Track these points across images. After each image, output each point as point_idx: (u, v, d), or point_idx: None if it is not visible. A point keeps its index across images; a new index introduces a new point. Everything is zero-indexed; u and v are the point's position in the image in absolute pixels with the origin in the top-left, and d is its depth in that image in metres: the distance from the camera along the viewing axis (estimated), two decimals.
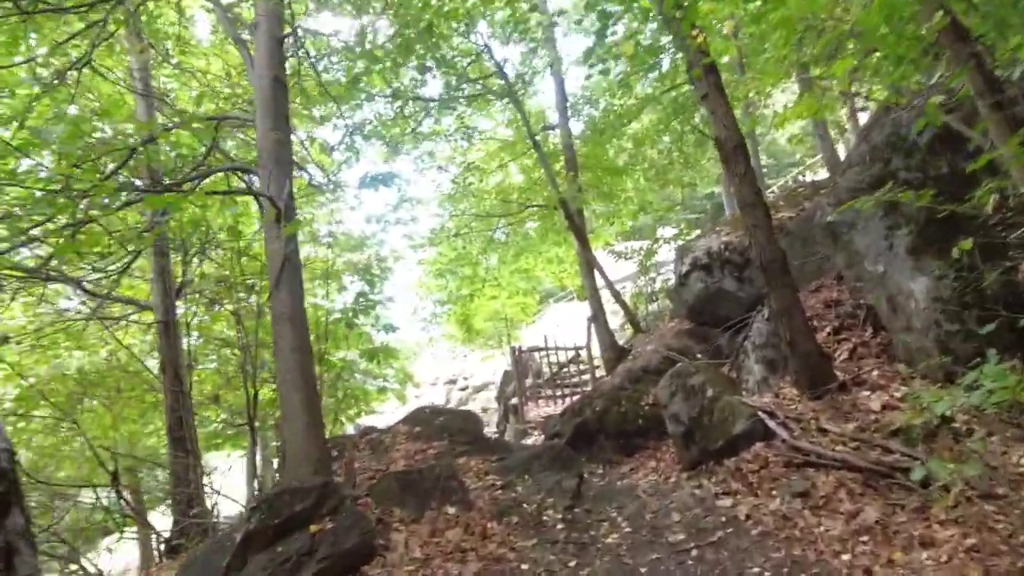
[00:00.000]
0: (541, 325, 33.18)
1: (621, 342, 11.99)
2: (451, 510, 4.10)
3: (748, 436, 4.49)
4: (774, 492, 3.96)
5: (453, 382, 24.07)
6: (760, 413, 4.59)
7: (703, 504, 4.23)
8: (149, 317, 7.95)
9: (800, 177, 16.58)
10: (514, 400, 12.21)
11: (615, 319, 13.36)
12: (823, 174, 12.47)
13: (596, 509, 4.52)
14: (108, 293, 7.75)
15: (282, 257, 4.38)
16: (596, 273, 10.82)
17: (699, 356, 7.15)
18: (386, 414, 27.63)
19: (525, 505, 4.44)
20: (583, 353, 11.97)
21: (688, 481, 4.75)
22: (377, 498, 4.14)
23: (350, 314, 7.92)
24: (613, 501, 4.65)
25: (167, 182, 6.10)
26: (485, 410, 21.87)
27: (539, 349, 12.13)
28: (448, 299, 13.74)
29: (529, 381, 13.67)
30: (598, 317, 10.94)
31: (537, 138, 10.75)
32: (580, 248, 10.77)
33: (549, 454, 5.52)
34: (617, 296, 10.21)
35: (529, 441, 10.68)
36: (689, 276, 7.30)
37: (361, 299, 7.97)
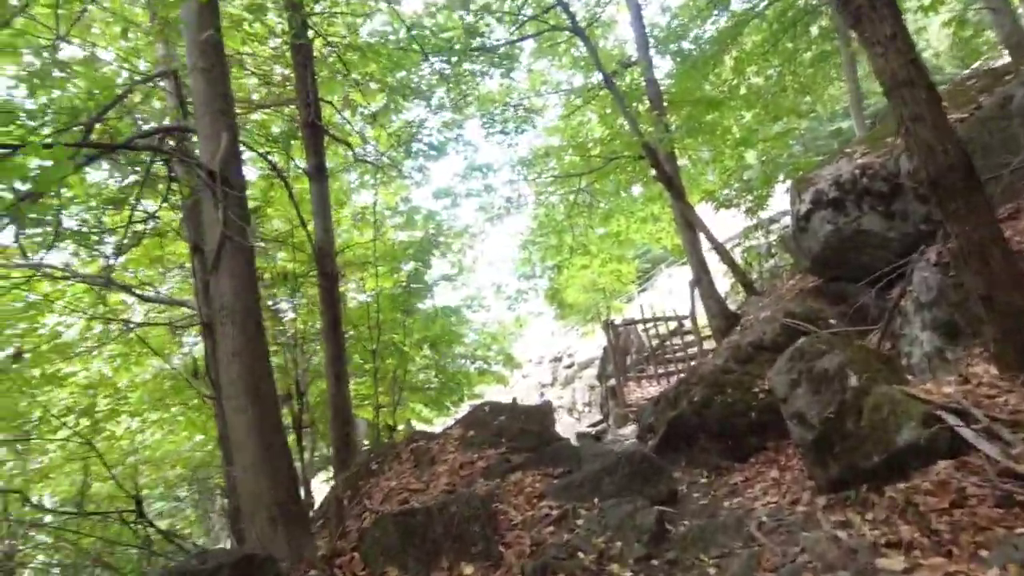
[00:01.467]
0: (652, 294, 31.12)
1: (733, 307, 10.16)
2: (468, 570, 2.91)
3: (924, 451, 2.86)
4: (984, 553, 2.35)
5: (558, 360, 22.97)
6: (942, 412, 2.92)
7: (854, 560, 2.70)
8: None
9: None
10: (612, 381, 10.82)
11: (724, 282, 11.45)
12: (1000, 61, 9.62)
13: (685, 559, 3.13)
14: (157, 296, 7.40)
15: (220, 233, 3.36)
16: (696, 229, 9.07)
17: (832, 323, 5.37)
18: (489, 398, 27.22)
19: (581, 554, 3.15)
20: (687, 323, 10.28)
21: (826, 513, 3.20)
22: (368, 554, 3.05)
23: (401, 297, 6.97)
24: (711, 545, 3.22)
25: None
26: (592, 388, 20.59)
27: (636, 322, 10.59)
28: (533, 272, 12.53)
29: (631, 358, 12.18)
30: (701, 280, 9.21)
31: (611, 74, 9.11)
32: (674, 199, 9.06)
33: (627, 467, 4.17)
34: (722, 252, 8.44)
35: (628, 430, 9.28)
36: (812, 217, 5.48)
37: (414, 280, 6.98)
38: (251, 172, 7.65)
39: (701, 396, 5.03)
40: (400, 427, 16.54)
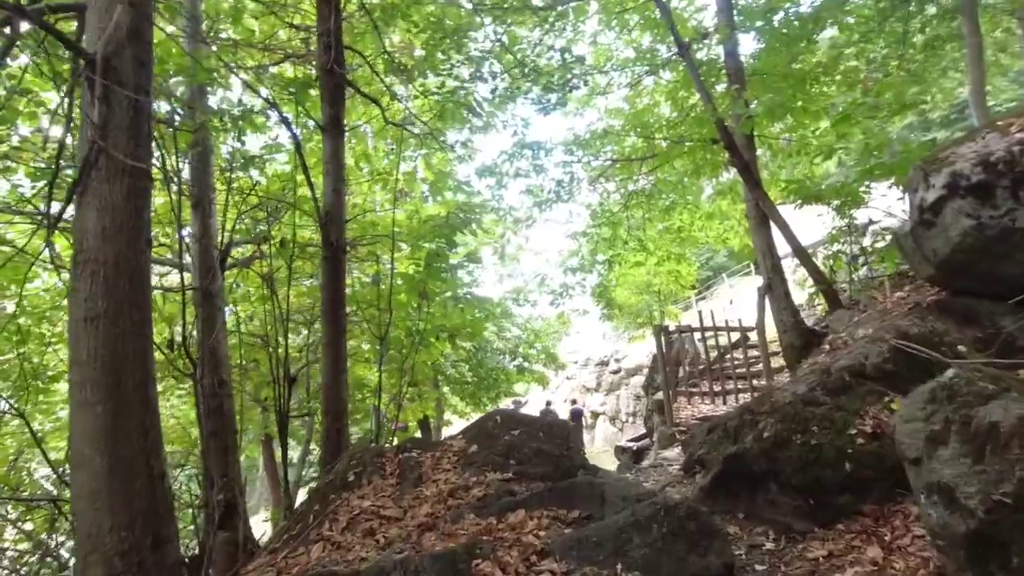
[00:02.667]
0: (711, 303, 29.28)
1: (809, 322, 8.71)
2: None
3: None
4: None
5: (604, 364, 21.69)
6: None
7: None
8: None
9: None
10: (660, 394, 9.56)
11: (800, 294, 9.97)
12: None
13: None
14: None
15: (90, 143, 2.37)
16: (772, 225, 7.71)
17: (961, 351, 4.02)
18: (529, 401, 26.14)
19: None
20: (753, 336, 8.90)
21: None
22: None
23: (419, 278, 6.01)
24: None
25: None
26: (638, 398, 19.20)
27: (693, 329, 9.28)
28: (582, 266, 11.35)
29: (683, 370, 10.85)
30: (774, 286, 7.84)
31: (687, 42, 7.84)
32: (749, 189, 7.72)
33: (666, 522, 3.03)
34: (803, 254, 7.06)
35: (674, 452, 8.03)
36: (943, 208, 4.12)
37: (434, 261, 6.00)
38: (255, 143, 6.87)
39: (774, 432, 3.80)
40: (430, 420, 15.73)
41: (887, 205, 7.56)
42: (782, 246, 8.03)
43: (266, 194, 6.01)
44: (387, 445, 4.91)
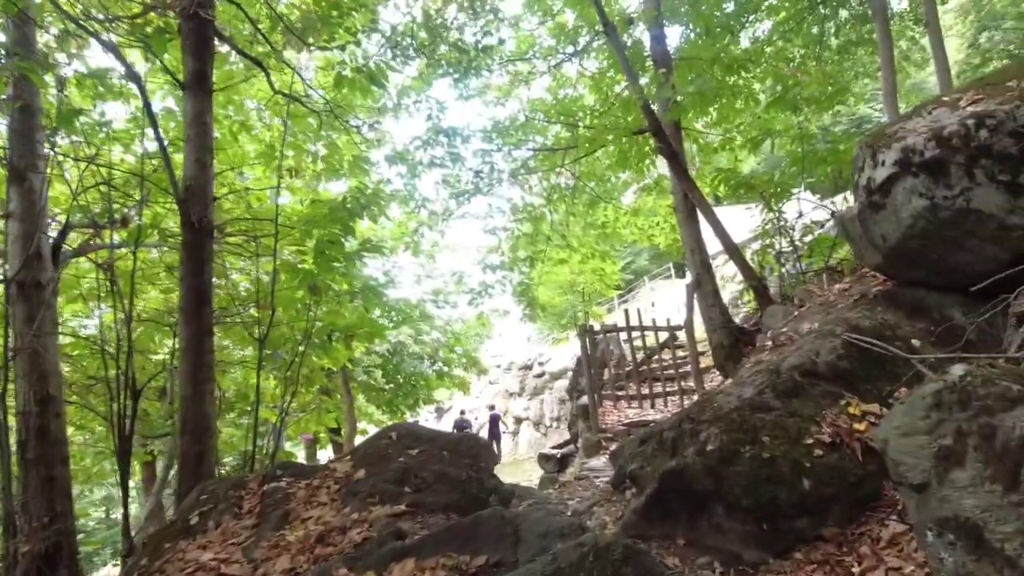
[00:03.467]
0: (633, 306, 29.55)
1: (738, 320, 8.44)
2: None
3: None
4: None
5: (528, 367, 21.14)
6: None
7: None
8: None
9: None
10: (585, 399, 9.00)
11: (727, 291, 9.72)
12: None
13: None
14: None
15: None
16: (700, 217, 7.32)
17: (914, 343, 3.60)
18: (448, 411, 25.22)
19: None
20: (681, 335, 8.52)
21: None
22: None
23: (305, 270, 5.09)
24: None
25: None
26: (563, 402, 18.77)
27: (620, 329, 8.79)
28: (503, 264, 10.65)
29: (608, 372, 10.37)
30: (703, 283, 7.46)
31: (613, 24, 7.32)
32: (676, 179, 7.30)
33: (595, 570, 2.33)
34: (733, 250, 6.68)
35: (599, 461, 7.47)
36: (893, 188, 3.71)
37: (325, 249, 5.08)
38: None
39: (719, 444, 3.20)
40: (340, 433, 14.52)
41: (807, 207, 7.37)
42: (710, 243, 7.68)
43: (110, 165, 4.87)
44: (250, 473, 3.95)
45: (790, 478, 2.96)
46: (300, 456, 17.66)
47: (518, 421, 20.94)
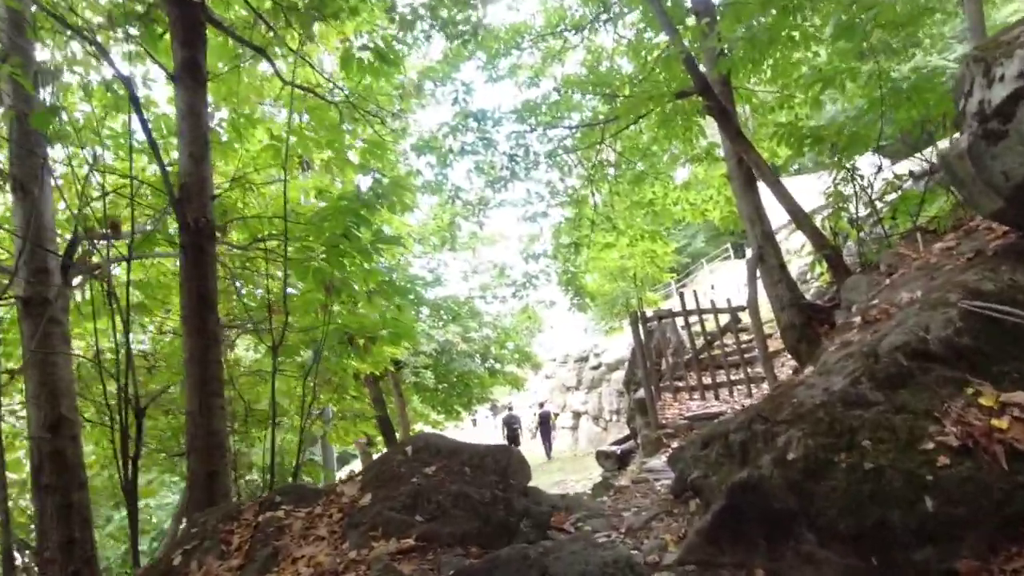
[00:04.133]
0: (692, 288, 28.29)
1: (808, 295, 7.54)
2: None
3: None
4: None
5: (584, 359, 20.41)
6: None
7: None
8: None
9: None
10: (642, 392, 8.28)
11: (793, 266, 8.77)
12: None
13: None
14: None
15: None
16: (759, 181, 6.48)
17: None
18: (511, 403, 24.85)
19: None
20: (745, 317, 7.68)
21: None
22: None
23: (314, 267, 4.67)
24: None
25: None
26: (621, 394, 17.96)
27: (674, 314, 8.02)
28: (545, 252, 10.03)
29: (666, 362, 9.59)
30: (766, 257, 6.62)
31: None
32: (729, 140, 6.49)
33: None
34: (799, 216, 5.82)
35: (661, 460, 6.76)
36: (1016, 110, 2.87)
37: (342, 244, 4.64)
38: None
39: (803, 451, 2.50)
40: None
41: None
42: (772, 215, 6.82)
43: (113, 171, 4.58)
44: (243, 501, 3.51)
45: (905, 495, 2.23)
46: (356, 464, 17.63)
47: (576, 415, 20.28)
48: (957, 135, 3.42)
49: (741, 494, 2.75)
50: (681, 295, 8.32)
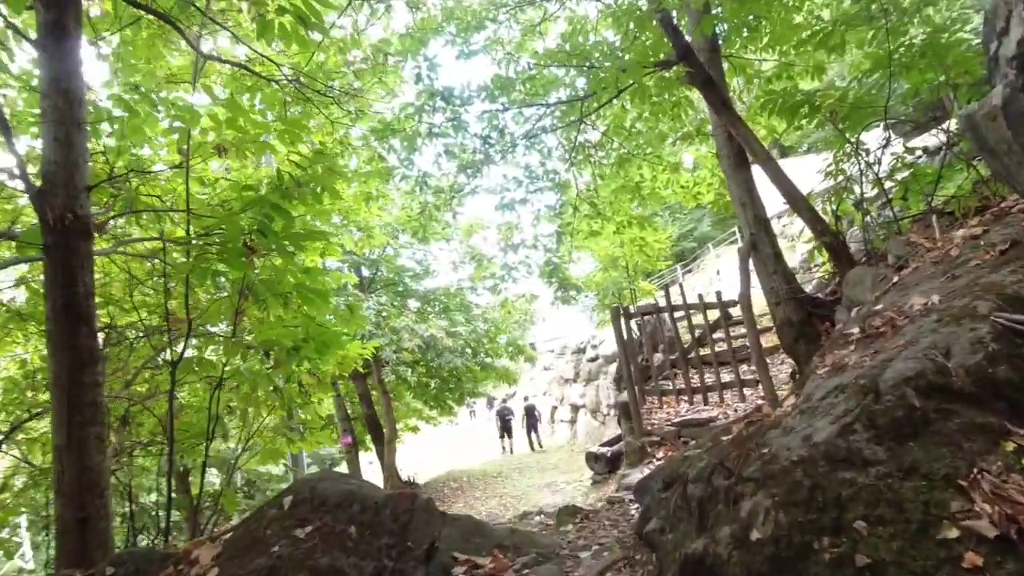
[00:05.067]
0: (698, 277, 27.38)
1: (808, 288, 6.79)
2: None
3: None
4: None
5: (581, 351, 19.66)
6: None
7: None
8: None
9: None
10: (625, 395, 7.56)
11: (795, 254, 7.98)
12: None
13: None
14: None
15: None
16: (751, 159, 5.71)
17: None
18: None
19: None
20: (736, 311, 6.93)
21: None
22: None
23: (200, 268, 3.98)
24: None
25: None
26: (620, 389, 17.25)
27: (657, 310, 7.28)
28: (523, 243, 9.27)
29: (658, 358, 8.85)
30: (759, 245, 5.87)
31: None
32: (715, 113, 5.71)
33: None
34: (796, 200, 5.05)
35: (640, 476, 6.06)
36: None
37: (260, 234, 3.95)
38: None
39: (771, 529, 1.78)
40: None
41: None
42: (768, 200, 6.04)
43: None
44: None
45: None
46: (342, 467, 17.04)
47: (575, 409, 19.59)
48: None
49: (694, 569, 2.05)
50: (666, 288, 7.57)
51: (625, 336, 7.11)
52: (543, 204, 8.84)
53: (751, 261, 5.97)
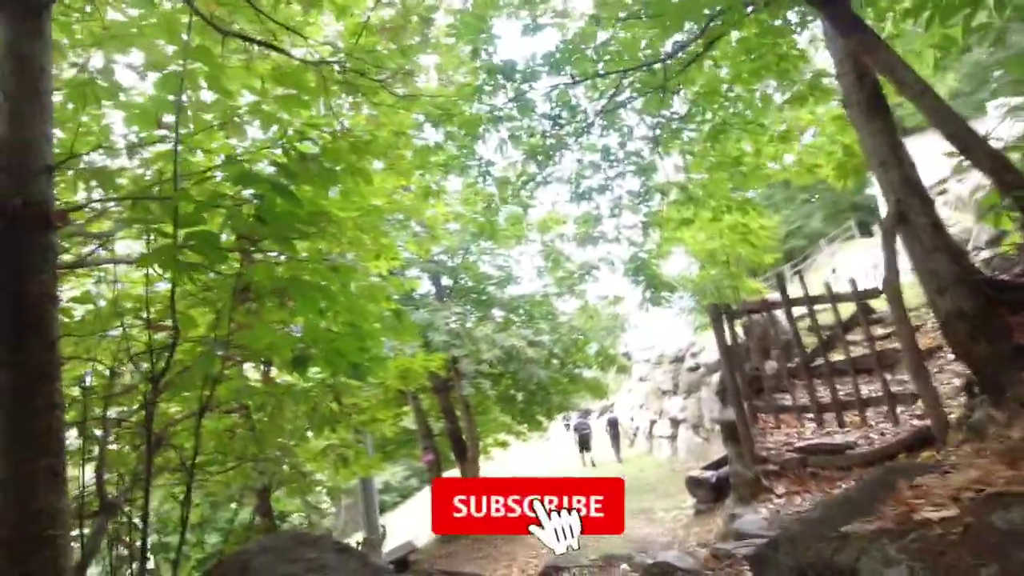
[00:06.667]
0: (811, 276, 24.69)
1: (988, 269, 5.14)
2: None
3: None
4: None
5: (679, 360, 17.93)
6: None
7: None
8: None
9: None
10: (730, 412, 6.16)
11: (958, 228, 6.25)
12: None
13: None
14: None
15: None
16: (890, 110, 4.27)
17: None
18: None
19: None
20: (879, 303, 5.38)
21: None
22: None
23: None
24: None
25: None
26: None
27: (768, 307, 5.86)
28: (601, 235, 8.09)
29: (770, 365, 7.34)
30: (910, 215, 4.41)
31: None
32: (843, 39, 4.34)
33: None
34: (967, 140, 3.59)
35: (755, 519, 4.67)
36: None
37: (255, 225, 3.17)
38: None
39: None
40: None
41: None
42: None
43: None
44: None
45: None
46: (425, 492, 16.41)
47: (675, 423, 17.89)
48: None
49: None
50: (779, 277, 6.12)
51: (728, 340, 5.76)
52: (624, 191, 7.65)
53: (898, 237, 4.49)
